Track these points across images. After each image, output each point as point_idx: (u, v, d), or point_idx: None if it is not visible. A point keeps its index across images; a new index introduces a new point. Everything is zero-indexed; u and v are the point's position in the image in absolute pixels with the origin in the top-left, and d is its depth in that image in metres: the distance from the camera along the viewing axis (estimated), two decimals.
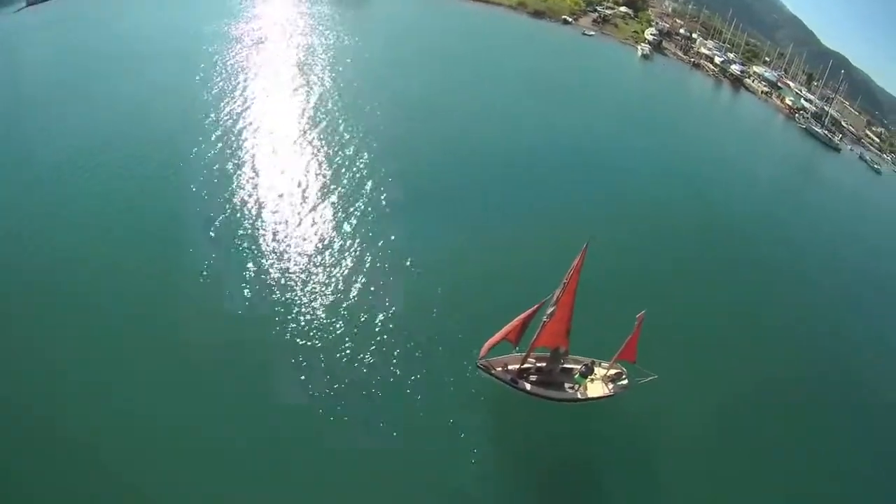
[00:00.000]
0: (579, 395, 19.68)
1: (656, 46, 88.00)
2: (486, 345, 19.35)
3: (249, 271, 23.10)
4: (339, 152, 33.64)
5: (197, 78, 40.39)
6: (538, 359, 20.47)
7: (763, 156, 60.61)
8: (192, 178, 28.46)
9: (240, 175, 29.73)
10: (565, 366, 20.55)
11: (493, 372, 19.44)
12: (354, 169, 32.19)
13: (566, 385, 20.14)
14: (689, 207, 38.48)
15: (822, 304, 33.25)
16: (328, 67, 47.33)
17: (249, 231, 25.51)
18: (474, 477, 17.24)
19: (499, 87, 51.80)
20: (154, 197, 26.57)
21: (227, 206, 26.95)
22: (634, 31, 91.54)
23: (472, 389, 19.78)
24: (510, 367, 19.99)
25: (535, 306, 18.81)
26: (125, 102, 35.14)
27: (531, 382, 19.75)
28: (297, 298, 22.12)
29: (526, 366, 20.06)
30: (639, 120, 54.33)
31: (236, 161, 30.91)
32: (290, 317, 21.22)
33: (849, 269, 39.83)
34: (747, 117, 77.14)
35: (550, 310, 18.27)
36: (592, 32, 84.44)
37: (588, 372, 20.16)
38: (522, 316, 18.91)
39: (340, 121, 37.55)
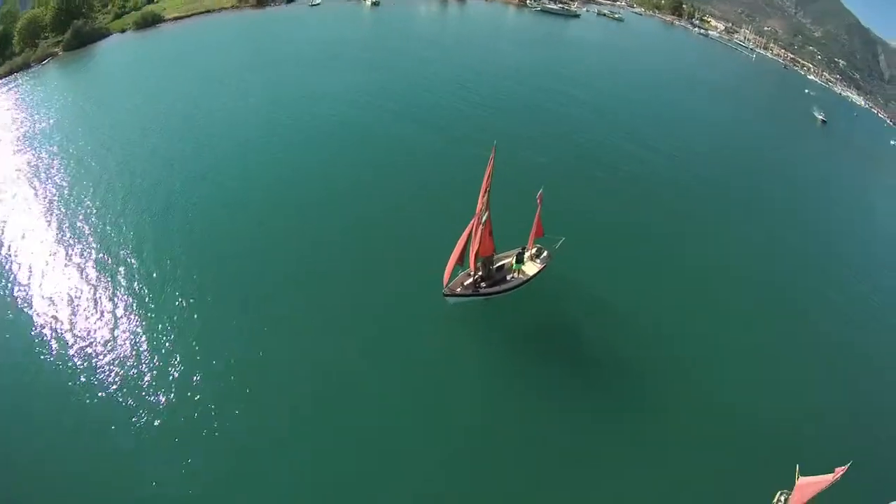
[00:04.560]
0: (523, 279, 23.77)
1: None
2: (445, 275, 21.64)
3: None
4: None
5: None
6: (476, 268, 23.66)
7: (519, 45, 69.67)
8: None
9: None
10: (498, 264, 24.24)
11: (457, 293, 22.10)
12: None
13: (508, 277, 23.99)
14: (497, 103, 46.16)
15: (646, 126, 47.54)
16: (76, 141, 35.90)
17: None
18: (466, 371, 20.78)
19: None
20: None
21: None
22: None
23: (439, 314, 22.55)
24: (465, 284, 22.87)
25: (469, 227, 21.40)
26: None
27: (486, 287, 23.12)
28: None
29: (475, 277, 23.17)
30: (392, 55, 56.95)
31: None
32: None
33: (658, 89, 59.95)
34: (485, 20, 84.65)
35: (485, 215, 21.08)
36: (318, 2, 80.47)
37: (520, 258, 24.23)
38: (461, 239, 21.35)
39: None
